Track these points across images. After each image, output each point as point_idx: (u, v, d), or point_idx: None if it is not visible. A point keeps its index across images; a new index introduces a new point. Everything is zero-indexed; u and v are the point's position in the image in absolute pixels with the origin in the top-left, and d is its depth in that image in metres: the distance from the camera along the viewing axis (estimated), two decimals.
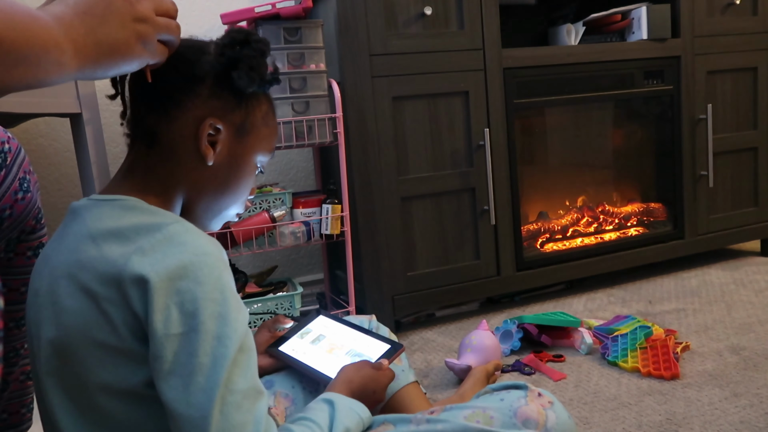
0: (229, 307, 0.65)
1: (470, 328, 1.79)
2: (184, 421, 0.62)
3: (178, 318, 0.63)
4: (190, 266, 0.64)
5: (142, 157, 0.75)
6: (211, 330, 0.63)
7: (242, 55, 0.73)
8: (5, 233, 0.85)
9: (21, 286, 0.93)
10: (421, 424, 0.79)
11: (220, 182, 0.78)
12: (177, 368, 0.63)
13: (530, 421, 0.78)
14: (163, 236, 0.66)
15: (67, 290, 0.67)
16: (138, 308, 0.64)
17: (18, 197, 0.84)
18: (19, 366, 0.96)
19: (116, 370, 0.66)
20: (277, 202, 1.73)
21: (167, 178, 0.75)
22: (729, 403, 1.25)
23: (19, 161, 0.85)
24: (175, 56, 0.72)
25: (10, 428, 0.97)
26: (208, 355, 0.63)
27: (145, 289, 0.63)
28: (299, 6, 1.61)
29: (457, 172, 1.83)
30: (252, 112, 0.78)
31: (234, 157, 0.78)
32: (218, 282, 0.65)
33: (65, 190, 1.96)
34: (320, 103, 1.68)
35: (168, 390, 0.63)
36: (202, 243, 0.67)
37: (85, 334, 0.66)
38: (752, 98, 2.22)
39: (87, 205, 0.72)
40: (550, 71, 1.92)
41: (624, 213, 2.19)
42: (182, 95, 0.73)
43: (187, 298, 0.63)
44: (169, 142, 0.74)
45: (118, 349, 0.66)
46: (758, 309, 1.77)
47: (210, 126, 0.74)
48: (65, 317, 0.67)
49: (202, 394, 0.62)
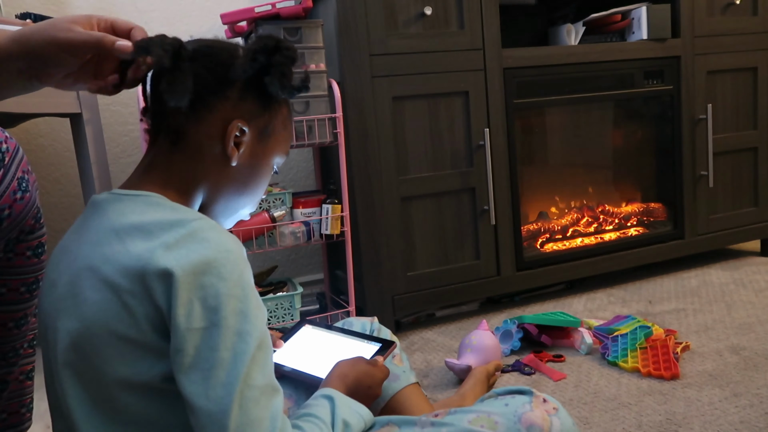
0: (250, 304, 0.66)
1: (470, 328, 1.79)
2: (203, 415, 0.63)
3: (200, 312, 0.64)
4: (213, 262, 0.65)
5: (165, 153, 0.76)
6: (232, 326, 0.64)
7: (274, 61, 0.74)
8: (4, 233, 0.85)
9: (20, 286, 0.93)
10: (425, 427, 0.79)
11: (240, 182, 0.80)
12: (198, 362, 0.64)
13: (535, 427, 0.77)
14: (187, 232, 0.67)
15: (89, 282, 0.68)
16: (161, 302, 0.64)
17: (17, 197, 0.84)
18: (18, 366, 0.96)
19: (135, 364, 0.67)
20: (277, 202, 1.73)
21: (189, 175, 0.76)
22: (729, 403, 1.25)
23: (17, 161, 0.85)
24: (210, 59, 0.73)
25: (10, 428, 0.97)
26: (228, 350, 0.64)
27: (169, 283, 0.64)
28: (299, 6, 1.61)
29: (457, 172, 1.83)
30: (275, 116, 0.80)
31: (255, 158, 0.79)
32: (240, 279, 0.67)
33: (65, 190, 1.96)
34: (320, 103, 1.68)
35: (188, 384, 0.64)
36: (224, 240, 0.68)
37: (106, 326, 0.66)
38: (752, 98, 2.22)
39: (109, 199, 0.73)
40: (550, 71, 1.92)
41: (624, 213, 2.19)
42: (213, 97, 0.74)
43: (210, 293, 0.64)
44: (194, 142, 0.75)
45: (138, 343, 0.66)
46: (758, 309, 1.77)
47: (237, 128, 0.75)
48: (86, 309, 0.67)
49: (222, 389, 0.63)
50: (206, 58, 0.74)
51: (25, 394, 0.99)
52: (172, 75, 0.70)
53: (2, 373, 0.95)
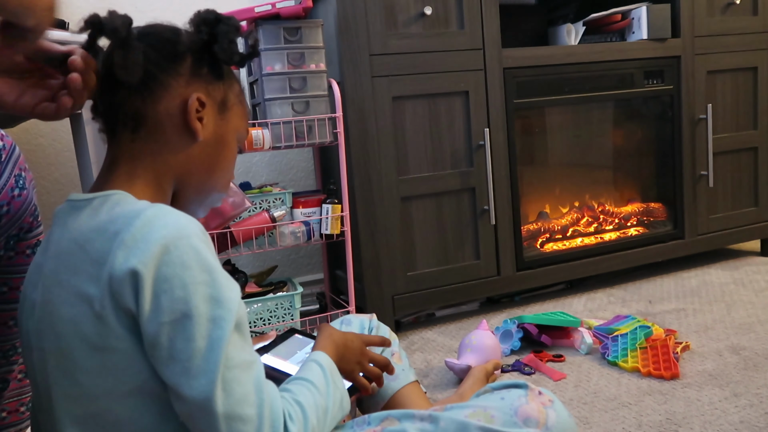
0: (220, 287, 0.65)
1: (470, 328, 1.79)
2: (190, 404, 0.63)
3: (170, 305, 0.63)
4: (174, 251, 0.64)
5: (126, 144, 0.74)
6: (204, 313, 0.64)
7: (219, 31, 0.76)
8: (4, 230, 0.85)
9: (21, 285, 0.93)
10: (424, 420, 0.79)
11: (208, 160, 0.79)
12: (175, 354, 0.63)
13: (531, 420, 0.78)
14: (141, 223, 0.65)
15: (60, 298, 0.67)
16: (130, 303, 0.63)
17: (14, 194, 0.84)
18: (18, 364, 0.96)
19: (122, 372, 0.66)
20: (277, 202, 1.73)
21: (156, 162, 0.75)
22: (729, 403, 1.25)
23: (14, 159, 0.85)
24: (154, 37, 0.74)
25: (10, 427, 0.97)
26: (204, 339, 0.63)
27: (133, 282, 0.63)
28: (299, 6, 1.61)
29: (457, 172, 1.83)
30: (230, 88, 0.81)
31: (219, 134, 0.79)
32: (204, 263, 0.65)
33: (65, 189, 1.96)
34: (320, 103, 1.68)
35: (170, 376, 0.63)
36: (182, 224, 0.66)
37: (84, 339, 0.65)
38: (752, 98, 2.22)
39: (65, 209, 0.72)
40: (550, 71, 1.92)
41: (624, 213, 2.19)
42: (166, 74, 0.74)
43: (177, 285, 0.63)
44: (155, 124, 0.74)
45: (118, 350, 0.65)
46: (758, 309, 1.77)
47: (197, 102, 0.75)
48: (62, 326, 0.66)
49: (203, 377, 0.62)
50: (151, 36, 0.74)
51: (24, 392, 0.99)
52: (124, 49, 0.70)
53: (2, 371, 0.95)
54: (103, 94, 0.75)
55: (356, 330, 1.14)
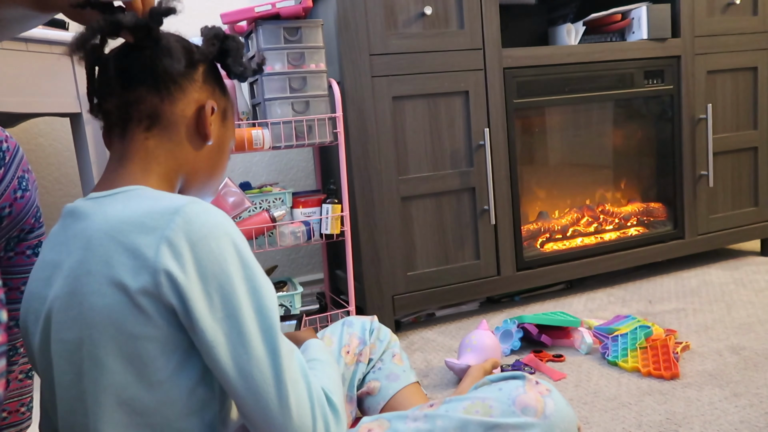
0: (259, 279, 0.69)
1: (470, 328, 1.79)
2: (259, 396, 0.66)
3: (219, 303, 0.66)
4: (216, 249, 0.67)
5: (141, 141, 0.77)
6: (252, 306, 0.67)
7: (228, 46, 0.82)
8: (5, 231, 0.85)
9: (21, 285, 0.93)
10: (418, 420, 0.79)
11: (211, 163, 0.84)
12: (235, 351, 0.66)
13: (529, 409, 0.78)
14: (183, 219, 0.66)
15: (90, 288, 0.67)
16: (172, 299, 0.65)
17: (17, 195, 0.84)
18: (18, 364, 0.96)
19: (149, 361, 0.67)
20: (277, 202, 1.74)
21: (168, 159, 0.78)
22: (729, 403, 1.25)
23: (17, 160, 0.86)
24: (174, 44, 0.78)
25: (10, 427, 0.97)
26: (257, 331, 0.67)
27: (179, 280, 0.64)
28: (299, 6, 1.61)
29: (457, 172, 1.83)
30: (229, 100, 0.87)
31: (221, 139, 0.85)
32: (244, 257, 0.69)
33: (65, 190, 1.96)
34: (320, 102, 1.68)
35: (232, 371, 0.66)
36: (219, 221, 0.69)
37: (118, 327, 0.66)
38: (752, 98, 2.22)
39: (88, 204, 0.72)
40: (550, 71, 1.92)
41: (624, 213, 2.19)
42: (183, 79, 0.79)
43: (223, 281, 0.66)
44: (171, 124, 0.78)
45: (153, 338, 0.66)
46: (758, 309, 1.77)
47: (212, 108, 0.80)
48: (94, 315, 0.66)
49: (268, 369, 0.66)
50: (171, 43, 0.79)
51: (25, 392, 0.99)
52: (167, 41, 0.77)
53: None
54: (114, 93, 0.77)
55: (358, 332, 1.14)
